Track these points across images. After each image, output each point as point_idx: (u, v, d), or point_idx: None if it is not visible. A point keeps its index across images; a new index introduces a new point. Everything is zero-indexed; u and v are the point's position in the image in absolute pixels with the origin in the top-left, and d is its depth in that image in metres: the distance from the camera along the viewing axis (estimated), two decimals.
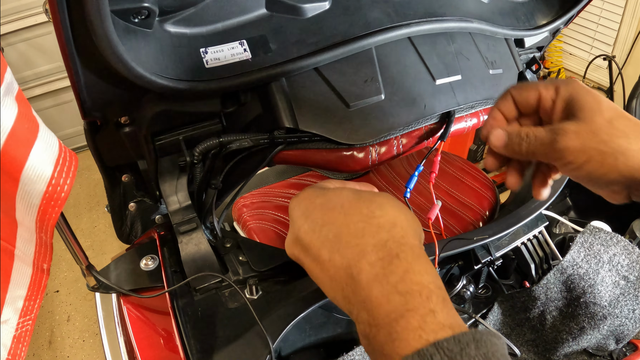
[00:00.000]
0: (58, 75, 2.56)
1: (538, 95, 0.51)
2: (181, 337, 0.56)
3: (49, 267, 0.59)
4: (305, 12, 0.63)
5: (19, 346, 0.54)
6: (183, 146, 0.64)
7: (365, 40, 0.64)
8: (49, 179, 0.49)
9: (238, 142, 0.63)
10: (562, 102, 0.49)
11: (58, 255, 2.16)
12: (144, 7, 0.50)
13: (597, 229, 0.74)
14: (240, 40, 0.60)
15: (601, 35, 2.38)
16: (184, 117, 0.62)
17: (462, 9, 0.74)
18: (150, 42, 0.54)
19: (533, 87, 0.51)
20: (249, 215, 1.08)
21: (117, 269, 0.68)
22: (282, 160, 0.68)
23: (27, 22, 2.34)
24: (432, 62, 0.69)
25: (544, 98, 0.51)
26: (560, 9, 0.86)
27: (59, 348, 1.87)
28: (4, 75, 0.44)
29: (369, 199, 0.48)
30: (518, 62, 0.85)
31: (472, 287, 0.73)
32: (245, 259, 0.66)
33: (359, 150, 0.66)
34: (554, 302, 0.72)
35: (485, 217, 1.00)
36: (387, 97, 0.65)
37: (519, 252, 0.76)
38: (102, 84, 0.55)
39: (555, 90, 0.50)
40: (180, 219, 0.66)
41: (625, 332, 0.72)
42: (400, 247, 0.44)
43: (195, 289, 0.61)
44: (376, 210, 0.47)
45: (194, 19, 0.57)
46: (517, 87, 0.53)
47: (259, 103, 0.64)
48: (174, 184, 0.67)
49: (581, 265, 0.71)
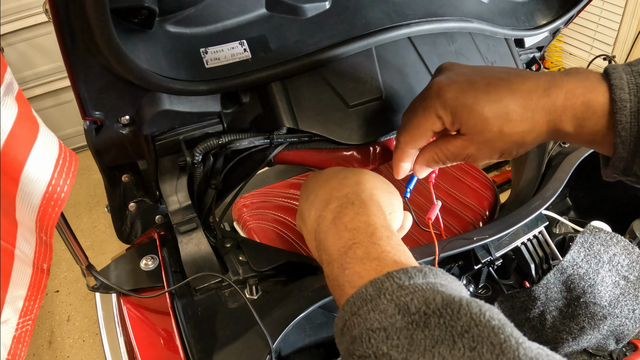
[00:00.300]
0: (58, 75, 2.56)
1: (430, 133, 0.53)
2: (181, 337, 0.56)
3: (49, 267, 0.59)
4: (305, 12, 0.63)
5: (19, 346, 0.53)
6: (183, 146, 0.64)
7: (365, 40, 0.64)
8: (49, 179, 0.49)
9: (238, 142, 0.63)
10: (450, 125, 0.51)
11: (58, 255, 2.17)
12: (144, 7, 0.50)
13: (597, 229, 0.74)
14: (240, 40, 0.60)
15: (601, 35, 2.38)
16: (184, 117, 0.62)
17: (462, 9, 0.74)
18: (150, 42, 0.54)
19: (420, 131, 0.53)
20: (249, 215, 1.08)
21: (117, 269, 0.68)
22: (282, 160, 0.68)
23: (27, 22, 2.34)
24: (432, 62, 0.69)
25: (436, 130, 0.52)
26: (560, 9, 0.86)
27: (59, 348, 1.87)
28: (4, 75, 0.44)
29: (350, 170, 0.58)
30: (518, 62, 0.85)
31: (472, 287, 0.73)
32: (245, 259, 0.66)
33: (359, 150, 0.66)
34: (554, 302, 0.72)
35: (485, 217, 1.00)
36: (387, 97, 0.65)
37: (519, 252, 0.76)
38: (102, 84, 0.55)
39: (439, 118, 0.51)
40: (180, 219, 0.66)
41: (625, 332, 0.72)
42: (357, 197, 0.51)
43: (195, 289, 0.61)
44: (349, 174, 0.56)
45: (194, 19, 0.57)
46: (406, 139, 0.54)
47: (259, 103, 0.64)
48: (174, 184, 0.67)
49: (581, 265, 0.71)
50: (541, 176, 0.88)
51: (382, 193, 0.54)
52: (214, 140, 0.64)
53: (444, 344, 0.32)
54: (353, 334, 0.36)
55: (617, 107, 0.42)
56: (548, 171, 0.87)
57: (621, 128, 0.42)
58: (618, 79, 0.43)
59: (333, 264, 0.45)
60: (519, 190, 0.90)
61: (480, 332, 0.32)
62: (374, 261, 0.42)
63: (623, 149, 0.43)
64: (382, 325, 0.35)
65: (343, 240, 0.46)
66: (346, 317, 0.38)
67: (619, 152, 0.44)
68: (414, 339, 0.33)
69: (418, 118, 0.52)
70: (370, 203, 0.50)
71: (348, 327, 0.37)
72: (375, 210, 0.49)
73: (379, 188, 0.54)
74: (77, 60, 0.51)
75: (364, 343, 0.35)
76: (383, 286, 0.37)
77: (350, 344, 0.36)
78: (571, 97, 0.45)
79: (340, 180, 0.55)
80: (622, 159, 0.44)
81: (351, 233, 0.46)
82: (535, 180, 0.89)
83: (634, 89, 0.42)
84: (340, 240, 0.46)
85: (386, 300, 0.36)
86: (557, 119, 0.46)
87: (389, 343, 0.34)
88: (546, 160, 0.90)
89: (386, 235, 0.45)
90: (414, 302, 0.35)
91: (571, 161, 0.85)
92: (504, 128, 0.47)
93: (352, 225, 0.47)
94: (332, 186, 0.54)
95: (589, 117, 0.44)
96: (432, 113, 0.50)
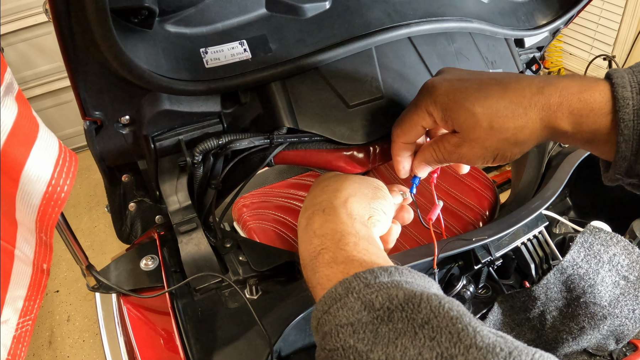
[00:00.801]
0: (58, 75, 2.56)
1: (420, 128, 0.55)
2: (181, 337, 0.56)
3: (49, 267, 0.59)
4: (305, 12, 0.63)
5: (19, 346, 0.53)
6: (183, 146, 0.64)
7: (365, 40, 0.64)
8: (49, 179, 0.49)
9: (238, 142, 0.63)
10: (442, 122, 0.52)
11: (58, 255, 2.17)
12: (144, 7, 0.50)
13: (597, 229, 0.74)
14: (240, 40, 0.60)
15: (601, 35, 2.38)
16: (184, 117, 0.62)
17: (462, 9, 0.74)
18: (150, 42, 0.54)
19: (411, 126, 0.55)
20: (249, 215, 1.08)
21: (117, 269, 0.68)
22: (282, 160, 0.68)
23: (27, 22, 2.34)
24: (432, 62, 0.69)
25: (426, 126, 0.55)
26: (560, 9, 0.86)
27: (59, 348, 1.87)
28: (4, 75, 0.44)
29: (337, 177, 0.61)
30: (518, 62, 0.85)
31: (472, 287, 0.73)
32: (245, 259, 0.66)
33: (359, 150, 0.66)
34: (554, 302, 0.72)
35: (485, 217, 1.00)
36: (387, 97, 0.65)
37: (519, 252, 0.76)
38: (102, 84, 0.55)
39: (429, 115, 0.52)
40: (180, 219, 0.66)
41: (625, 332, 0.72)
42: (330, 204, 0.54)
43: (195, 289, 0.61)
44: (332, 182, 0.59)
45: (194, 19, 0.57)
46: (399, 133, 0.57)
47: (259, 103, 0.64)
48: (174, 184, 0.67)
49: (581, 265, 0.71)
50: (541, 176, 0.88)
51: (359, 199, 0.56)
52: (214, 141, 0.64)
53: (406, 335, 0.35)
54: (324, 330, 0.39)
55: (619, 104, 0.42)
56: (548, 171, 0.87)
57: (624, 126, 0.42)
58: (619, 77, 0.43)
59: (306, 268, 0.49)
60: (519, 190, 0.90)
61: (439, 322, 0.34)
62: (340, 265, 0.45)
63: (626, 148, 0.43)
64: (349, 321, 0.37)
65: (312, 245, 0.49)
66: (319, 315, 0.41)
67: (621, 151, 0.43)
68: (378, 332, 0.36)
69: (410, 113, 0.55)
70: (340, 210, 0.53)
71: (320, 324, 0.40)
72: (345, 218, 0.52)
73: (357, 195, 0.56)
74: (77, 60, 0.51)
75: (333, 337, 0.37)
76: (351, 285, 0.40)
77: (321, 339, 0.39)
78: (566, 95, 0.45)
79: (322, 187, 0.58)
80: (625, 159, 0.44)
81: (319, 239, 0.49)
82: (535, 180, 0.88)
83: (636, 88, 0.42)
84: (310, 245, 0.50)
85: (353, 299, 0.39)
86: (552, 115, 0.46)
87: (355, 337, 0.36)
88: (546, 160, 0.90)
89: (352, 241, 0.48)
90: (378, 299, 0.38)
91: (571, 161, 0.85)
92: (493, 123, 0.47)
93: (321, 232, 0.50)
94: (314, 194, 0.58)
95: (587, 114, 0.44)
96: (422, 109, 0.53)
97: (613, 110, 0.43)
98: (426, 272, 0.70)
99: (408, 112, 0.55)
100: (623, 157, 0.44)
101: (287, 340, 0.61)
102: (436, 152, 0.55)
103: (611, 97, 0.43)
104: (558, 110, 0.45)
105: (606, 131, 0.44)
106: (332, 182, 0.59)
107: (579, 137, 0.46)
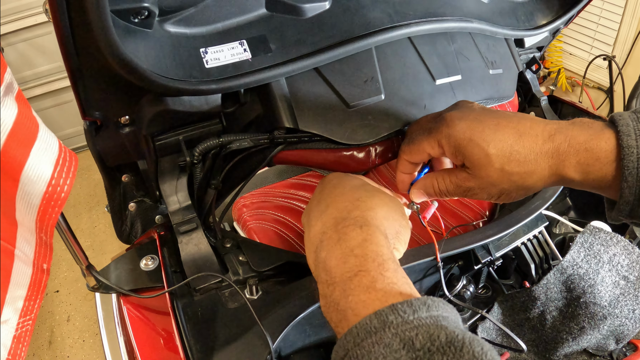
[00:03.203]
0: (58, 75, 2.56)
1: (427, 154, 0.56)
2: (181, 337, 0.56)
3: (49, 267, 0.59)
4: (305, 12, 0.63)
5: (19, 346, 0.53)
6: (183, 146, 0.64)
7: (365, 40, 0.64)
8: (49, 179, 0.49)
9: (238, 142, 0.63)
10: (452, 155, 0.53)
11: (58, 255, 2.16)
12: (144, 7, 0.50)
13: (597, 229, 0.74)
14: (240, 40, 0.60)
15: (601, 35, 2.38)
16: (184, 117, 0.62)
17: (462, 9, 0.74)
18: (150, 42, 0.54)
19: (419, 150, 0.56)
20: (249, 215, 1.08)
21: (117, 269, 0.68)
22: (282, 160, 0.68)
23: (27, 22, 2.34)
24: (432, 62, 0.69)
25: (433, 154, 0.55)
26: (560, 9, 0.86)
27: (59, 348, 1.87)
28: (4, 75, 0.44)
29: (367, 189, 0.57)
30: (518, 62, 0.85)
31: (472, 287, 0.73)
32: (245, 259, 0.66)
33: (359, 150, 0.66)
34: (554, 302, 0.72)
35: (485, 217, 1.00)
36: (387, 97, 0.65)
37: (519, 252, 0.76)
38: (102, 84, 0.55)
39: (439, 146, 0.53)
40: (180, 219, 0.66)
41: (625, 332, 0.72)
42: (367, 223, 0.50)
43: (195, 289, 0.61)
44: (364, 196, 0.55)
45: (194, 19, 0.57)
46: (406, 151, 0.58)
47: (259, 103, 0.64)
48: (174, 184, 0.67)
49: (581, 265, 0.71)
50: None
51: (391, 223, 0.53)
52: (213, 140, 0.64)
53: None
54: None
55: (624, 153, 0.44)
56: None
57: (628, 174, 0.44)
58: (624, 125, 0.44)
59: (335, 287, 0.45)
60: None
61: None
62: (379, 291, 0.42)
63: (630, 194, 0.44)
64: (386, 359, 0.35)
65: (348, 265, 0.45)
66: (349, 346, 0.38)
67: (625, 197, 0.45)
68: None
69: (421, 138, 0.55)
70: (377, 233, 0.50)
71: (350, 357, 0.38)
72: (383, 241, 0.49)
73: (390, 218, 0.54)
74: (76, 60, 0.51)
75: None
76: (388, 319, 0.38)
77: None
78: (574, 144, 0.46)
79: (354, 200, 0.54)
80: (629, 203, 0.45)
81: (358, 260, 0.46)
82: None
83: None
84: (345, 265, 0.46)
85: (391, 334, 0.37)
86: (561, 164, 0.47)
87: None
88: None
89: (393, 267, 0.45)
90: (418, 338, 0.36)
91: None
92: (505, 166, 0.49)
93: (360, 252, 0.46)
94: (344, 205, 0.54)
95: (593, 163, 0.46)
96: (434, 139, 0.53)
97: (617, 158, 0.45)
98: (428, 270, 0.70)
99: (419, 136, 0.55)
100: (626, 201, 0.45)
101: (287, 340, 0.61)
102: (439, 184, 0.55)
103: (616, 144, 0.45)
104: (566, 159, 0.47)
105: (611, 177, 0.46)
106: (364, 197, 0.55)
107: (586, 184, 0.48)
